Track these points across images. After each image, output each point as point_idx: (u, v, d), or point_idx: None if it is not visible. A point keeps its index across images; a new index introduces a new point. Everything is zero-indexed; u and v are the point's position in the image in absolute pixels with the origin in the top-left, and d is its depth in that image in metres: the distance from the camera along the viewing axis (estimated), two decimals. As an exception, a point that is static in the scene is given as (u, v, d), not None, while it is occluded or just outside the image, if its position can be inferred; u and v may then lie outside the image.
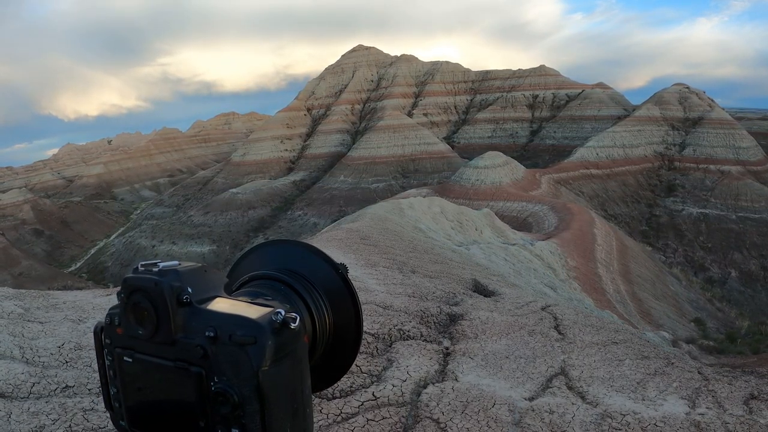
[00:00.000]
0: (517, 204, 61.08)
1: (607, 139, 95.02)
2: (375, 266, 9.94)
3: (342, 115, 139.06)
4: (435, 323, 7.00)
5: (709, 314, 44.37)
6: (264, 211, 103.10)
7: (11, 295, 6.33)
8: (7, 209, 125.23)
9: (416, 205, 24.84)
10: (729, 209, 79.49)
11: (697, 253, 73.45)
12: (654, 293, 42.65)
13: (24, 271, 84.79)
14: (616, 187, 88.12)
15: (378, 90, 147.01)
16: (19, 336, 5.09)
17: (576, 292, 27.03)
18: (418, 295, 8.09)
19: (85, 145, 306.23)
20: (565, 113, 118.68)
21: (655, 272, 49.72)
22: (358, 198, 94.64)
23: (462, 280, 10.42)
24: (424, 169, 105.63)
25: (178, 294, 0.89)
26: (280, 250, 1.29)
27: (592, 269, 36.03)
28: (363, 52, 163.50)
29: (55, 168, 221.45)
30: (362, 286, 8.03)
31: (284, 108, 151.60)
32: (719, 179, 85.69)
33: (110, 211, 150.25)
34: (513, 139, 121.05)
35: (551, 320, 7.73)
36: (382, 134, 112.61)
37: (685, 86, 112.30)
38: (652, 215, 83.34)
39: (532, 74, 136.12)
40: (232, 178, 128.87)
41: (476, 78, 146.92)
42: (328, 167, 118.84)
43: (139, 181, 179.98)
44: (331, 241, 12.17)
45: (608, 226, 52.58)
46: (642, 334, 9.37)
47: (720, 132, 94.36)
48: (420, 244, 15.42)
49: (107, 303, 6.43)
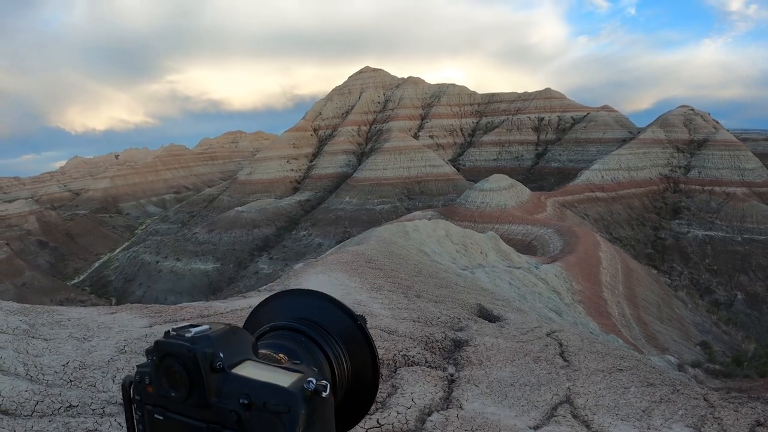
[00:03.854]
0: (522, 227, 60.95)
1: (612, 161, 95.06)
2: (380, 290, 9.92)
3: (348, 136, 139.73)
4: (440, 349, 6.98)
5: (715, 337, 43.92)
6: (269, 230, 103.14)
7: (16, 310, 6.33)
8: (12, 219, 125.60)
9: (421, 227, 24.83)
10: (734, 231, 79.18)
11: (702, 276, 72.97)
12: (659, 316, 42.28)
13: (27, 282, 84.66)
14: (622, 210, 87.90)
15: (384, 111, 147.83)
16: (24, 353, 5.09)
17: (581, 316, 26.84)
18: (423, 320, 8.07)
19: (92, 159, 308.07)
20: (571, 136, 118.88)
21: (660, 295, 49.31)
22: (363, 219, 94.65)
23: (467, 305, 10.39)
24: (429, 191, 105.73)
25: (211, 360, 0.92)
26: (300, 300, 1.33)
27: (597, 293, 35.76)
28: (370, 73, 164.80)
29: (61, 180, 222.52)
30: (367, 311, 8.02)
31: (291, 128, 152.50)
32: (724, 201, 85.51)
33: (115, 226, 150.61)
34: (518, 162, 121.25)
35: (556, 346, 7.69)
36: (388, 156, 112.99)
37: (690, 108, 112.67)
38: (658, 238, 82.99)
39: (538, 97, 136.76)
40: (237, 196, 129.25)
41: (482, 101, 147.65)
42: (333, 188, 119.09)
43: (145, 197, 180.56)
44: (337, 264, 12.18)
45: (613, 249, 52.31)
46: (647, 360, 9.27)
47: (725, 153, 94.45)
48: (425, 267, 15.39)
49: (111, 322, 6.45)
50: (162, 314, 6.81)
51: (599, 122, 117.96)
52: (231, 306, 7.65)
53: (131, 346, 5.58)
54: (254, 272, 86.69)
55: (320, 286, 9.57)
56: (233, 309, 7.43)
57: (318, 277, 10.28)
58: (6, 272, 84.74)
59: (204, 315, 6.96)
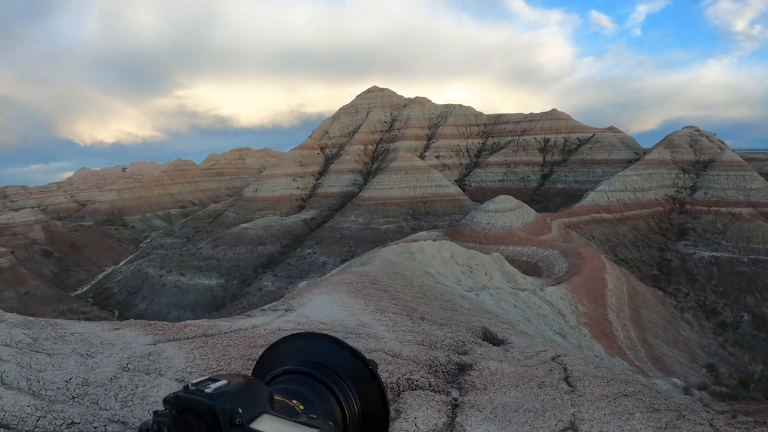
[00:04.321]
0: (527, 248, 60.78)
1: (618, 183, 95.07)
2: (384, 312, 9.90)
3: (355, 155, 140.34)
4: (444, 372, 6.94)
5: (721, 359, 43.48)
6: (274, 247, 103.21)
7: (20, 323, 6.32)
8: (18, 228, 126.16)
9: (426, 249, 24.81)
10: (741, 252, 78.84)
11: (709, 297, 72.50)
12: (665, 339, 41.91)
13: (30, 291, 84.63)
14: (627, 231, 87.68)
15: (391, 131, 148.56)
16: (27, 367, 5.07)
17: (586, 338, 26.64)
18: (427, 343, 8.04)
19: (99, 171, 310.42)
20: (577, 157, 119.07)
21: (666, 317, 48.93)
22: (368, 238, 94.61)
23: (471, 328, 10.34)
24: (435, 212, 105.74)
25: (231, 417, 0.95)
26: (313, 343, 1.36)
27: (602, 315, 35.54)
28: (377, 93, 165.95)
29: (68, 191, 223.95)
30: (372, 333, 8.00)
31: (298, 146, 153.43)
32: (730, 221, 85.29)
33: (120, 238, 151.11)
34: (524, 183, 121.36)
35: (561, 371, 7.64)
36: (394, 176, 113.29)
37: (696, 129, 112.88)
38: (664, 259, 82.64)
39: (544, 118, 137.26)
40: (243, 213, 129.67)
41: (488, 121, 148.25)
42: (339, 207, 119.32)
43: (150, 210, 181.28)
44: (342, 285, 12.17)
45: (619, 270, 52.04)
46: (653, 384, 9.19)
47: (731, 174, 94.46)
48: (430, 289, 15.35)
49: (115, 338, 6.45)
50: (166, 332, 6.80)
51: (605, 143, 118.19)
52: (235, 325, 7.65)
53: (134, 364, 5.58)
54: (258, 289, 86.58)
55: (324, 307, 9.56)
56: (237, 329, 7.42)
57: (322, 298, 10.27)
58: (9, 280, 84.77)
59: (208, 334, 6.96)
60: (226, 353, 6.10)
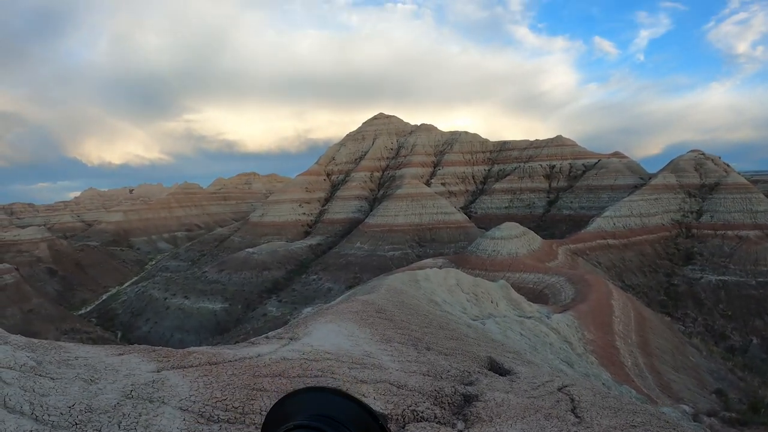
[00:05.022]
0: (533, 275, 60.48)
1: (623, 208, 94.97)
2: (390, 342, 9.86)
3: (361, 181, 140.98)
4: (449, 404, 6.88)
5: (730, 384, 42.87)
6: (279, 272, 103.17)
7: (23, 345, 6.32)
8: (23, 245, 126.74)
9: (432, 276, 24.76)
10: (748, 275, 78.27)
11: (717, 322, 71.83)
12: (674, 365, 41.39)
13: (34, 309, 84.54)
14: (634, 257, 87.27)
15: (397, 158, 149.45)
16: (30, 391, 5.06)
17: (593, 366, 26.35)
18: (433, 374, 7.98)
19: (106, 192, 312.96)
20: (582, 183, 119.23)
21: (674, 343, 48.39)
22: (373, 265, 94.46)
23: (477, 358, 10.27)
24: (440, 239, 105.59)
25: None
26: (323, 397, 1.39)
27: (609, 342, 35.20)
28: (383, 120, 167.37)
29: (75, 211, 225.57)
30: (377, 363, 7.95)
31: (304, 172, 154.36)
32: (737, 245, 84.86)
33: (125, 259, 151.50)
34: (530, 210, 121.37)
35: (568, 402, 7.56)
36: (400, 202, 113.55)
37: (701, 152, 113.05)
38: (671, 284, 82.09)
39: (549, 144, 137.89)
40: (249, 237, 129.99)
41: (494, 148, 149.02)
42: (345, 233, 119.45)
43: (156, 233, 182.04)
44: (347, 314, 12.14)
45: (626, 297, 51.67)
46: (661, 414, 9.03)
47: (737, 197, 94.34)
48: (435, 318, 15.28)
49: (119, 364, 6.45)
50: (170, 359, 6.79)
51: (610, 169, 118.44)
52: (239, 354, 7.63)
53: (138, 392, 5.56)
54: (262, 314, 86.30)
55: (329, 336, 9.52)
56: (241, 357, 7.40)
57: (327, 327, 10.23)
58: (13, 297, 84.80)
59: (212, 362, 6.94)
60: (230, 383, 6.08)
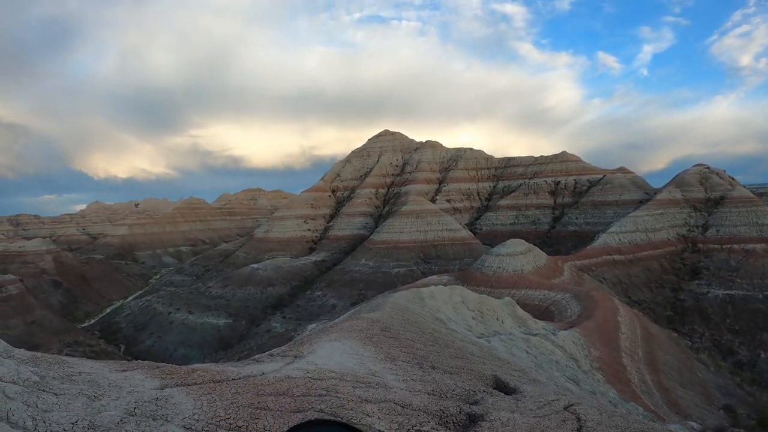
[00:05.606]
0: (539, 292, 60.19)
1: (629, 224, 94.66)
2: (395, 360, 9.80)
3: (366, 198, 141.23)
4: (454, 423, 6.82)
5: (739, 399, 42.45)
6: (283, 288, 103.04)
7: (27, 359, 6.29)
8: (28, 257, 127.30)
9: (437, 294, 24.66)
10: (755, 288, 77.80)
11: (724, 337, 71.22)
12: (681, 381, 40.99)
13: (37, 320, 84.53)
14: (640, 273, 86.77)
15: (402, 175, 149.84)
16: (33, 406, 5.02)
17: (600, 384, 26.10)
18: (438, 393, 7.92)
19: (112, 205, 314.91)
20: (587, 199, 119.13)
21: (681, 359, 47.97)
22: (378, 282, 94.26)
23: (482, 376, 10.19)
24: (445, 255, 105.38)
25: None
26: None
27: (616, 359, 34.91)
28: (389, 137, 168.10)
29: (81, 223, 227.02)
30: (381, 382, 7.90)
31: (309, 188, 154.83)
32: (744, 258, 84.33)
33: (130, 273, 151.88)
34: (535, 226, 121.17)
35: (574, 421, 7.49)
36: (405, 219, 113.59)
37: (706, 166, 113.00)
38: (677, 300, 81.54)
39: (554, 161, 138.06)
40: (253, 253, 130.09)
41: (499, 165, 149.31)
42: (350, 249, 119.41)
43: (161, 247, 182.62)
44: (352, 332, 12.08)
45: (632, 313, 51.37)
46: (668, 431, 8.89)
47: (742, 210, 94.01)
48: (440, 336, 15.20)
49: (122, 380, 6.42)
50: (173, 376, 6.76)
51: (615, 184, 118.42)
52: (243, 372, 7.59)
53: (141, 409, 5.53)
54: (266, 330, 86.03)
55: (334, 354, 9.48)
56: (245, 375, 7.36)
57: (332, 345, 10.18)
58: (17, 308, 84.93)
59: (216, 380, 6.91)
60: (234, 401, 6.04)
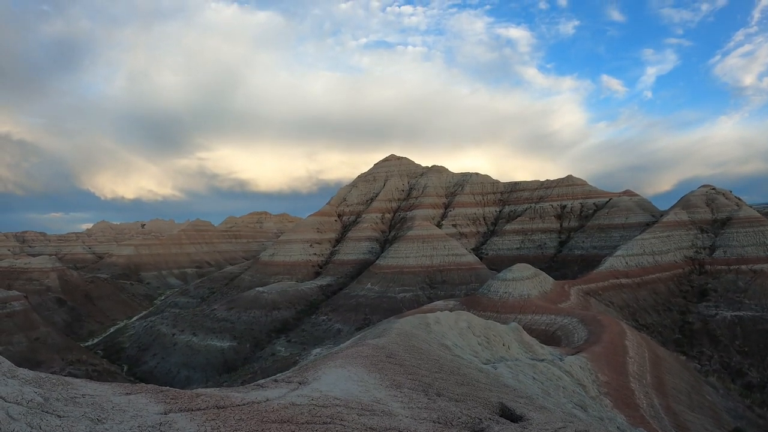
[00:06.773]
0: (545, 317, 59.69)
1: (636, 247, 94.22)
2: (400, 387, 9.73)
3: (372, 222, 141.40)
4: (459, 452, 6.75)
5: (749, 422, 41.72)
6: (288, 312, 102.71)
7: (31, 380, 6.28)
8: (33, 273, 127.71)
9: (443, 320, 24.53)
10: (764, 309, 77.18)
11: (733, 359, 70.25)
12: (690, 405, 40.34)
13: (41, 338, 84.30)
14: (647, 296, 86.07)
15: (408, 199, 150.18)
16: (37, 428, 5.01)
17: (607, 409, 25.75)
18: (443, 421, 7.85)
19: (118, 225, 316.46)
20: (594, 222, 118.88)
21: (690, 382, 47.26)
22: (384, 307, 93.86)
23: (488, 404, 10.10)
24: (451, 281, 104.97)
25: None
26: None
27: (624, 384, 34.47)
28: (395, 161, 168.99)
29: (87, 242, 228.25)
30: (386, 410, 7.85)
31: (316, 212, 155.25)
32: (752, 279, 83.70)
33: (135, 293, 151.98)
34: (541, 250, 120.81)
35: (581, 451, 7.40)
36: (411, 244, 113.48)
37: (712, 187, 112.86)
38: (685, 322, 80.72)
39: (560, 184, 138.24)
40: (259, 276, 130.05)
41: (505, 189, 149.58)
42: (355, 274, 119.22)
43: (167, 268, 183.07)
44: (357, 358, 12.03)
45: (640, 336, 50.79)
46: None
47: (749, 230, 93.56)
48: (446, 363, 15.09)
49: (126, 404, 6.41)
50: (177, 401, 6.75)
51: (621, 207, 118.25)
52: (247, 397, 7.57)
53: (145, 435, 5.53)
54: (271, 354, 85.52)
55: (339, 381, 9.43)
56: (250, 401, 7.34)
57: (337, 372, 10.13)
58: (21, 325, 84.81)
59: (220, 405, 6.90)
60: (237, 428, 6.03)
